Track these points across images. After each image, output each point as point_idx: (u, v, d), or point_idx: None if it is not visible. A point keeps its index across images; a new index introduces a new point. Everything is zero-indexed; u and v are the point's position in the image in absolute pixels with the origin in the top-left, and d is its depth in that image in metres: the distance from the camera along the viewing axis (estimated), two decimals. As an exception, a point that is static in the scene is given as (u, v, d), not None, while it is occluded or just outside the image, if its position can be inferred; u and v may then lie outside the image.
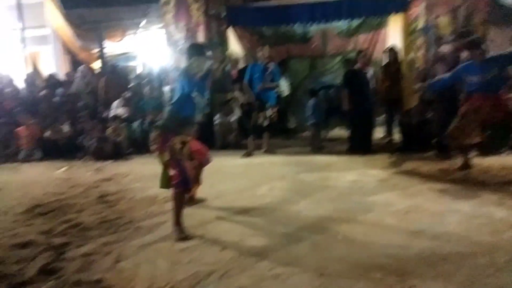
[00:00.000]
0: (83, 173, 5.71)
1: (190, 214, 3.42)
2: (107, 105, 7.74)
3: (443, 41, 5.45)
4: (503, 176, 4.28)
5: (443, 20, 6.38)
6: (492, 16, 6.20)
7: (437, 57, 5.45)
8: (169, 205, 3.71)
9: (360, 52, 6.40)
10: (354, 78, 5.95)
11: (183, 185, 3.07)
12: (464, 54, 5.67)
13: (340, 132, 7.39)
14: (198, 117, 3.24)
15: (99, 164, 6.29)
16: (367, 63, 6.25)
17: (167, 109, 3.24)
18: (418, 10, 6.70)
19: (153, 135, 3.29)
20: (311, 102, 6.82)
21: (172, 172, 3.07)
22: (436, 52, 5.50)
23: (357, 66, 6.02)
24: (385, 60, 7.01)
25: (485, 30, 6.10)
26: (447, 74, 4.59)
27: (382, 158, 5.58)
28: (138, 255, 2.72)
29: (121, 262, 2.63)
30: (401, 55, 7.03)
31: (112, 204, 3.99)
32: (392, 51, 7.00)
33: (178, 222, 3.05)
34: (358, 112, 5.92)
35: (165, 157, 3.05)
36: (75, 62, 10.55)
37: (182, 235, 2.97)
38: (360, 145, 5.97)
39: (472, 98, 4.34)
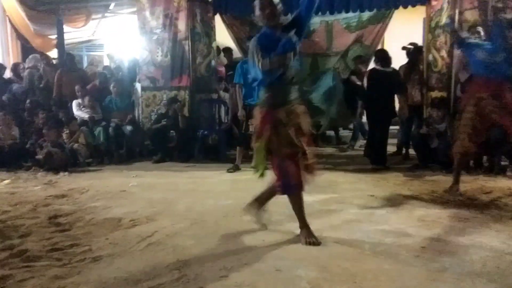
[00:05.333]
0: (31, 187, 5.62)
1: (163, 243, 3.37)
2: (62, 104, 7.65)
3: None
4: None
5: (470, 15, 6.43)
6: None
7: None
8: (136, 230, 3.67)
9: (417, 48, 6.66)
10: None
11: (283, 190, 3.29)
12: None
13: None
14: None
15: (51, 176, 6.22)
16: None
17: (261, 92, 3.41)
18: (441, 2, 6.76)
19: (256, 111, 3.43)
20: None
21: (275, 171, 3.28)
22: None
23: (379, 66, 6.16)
24: (406, 59, 7.03)
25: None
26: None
27: (396, 177, 5.60)
28: (96, 294, 2.64)
29: (74, 302, 2.54)
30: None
31: (66, 228, 3.89)
32: (415, 48, 7.01)
33: (304, 223, 3.31)
34: (381, 118, 6.12)
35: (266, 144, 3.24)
36: (27, 50, 10.42)
37: (311, 239, 3.22)
38: (375, 157, 6.15)
39: (473, 83, 4.60)
